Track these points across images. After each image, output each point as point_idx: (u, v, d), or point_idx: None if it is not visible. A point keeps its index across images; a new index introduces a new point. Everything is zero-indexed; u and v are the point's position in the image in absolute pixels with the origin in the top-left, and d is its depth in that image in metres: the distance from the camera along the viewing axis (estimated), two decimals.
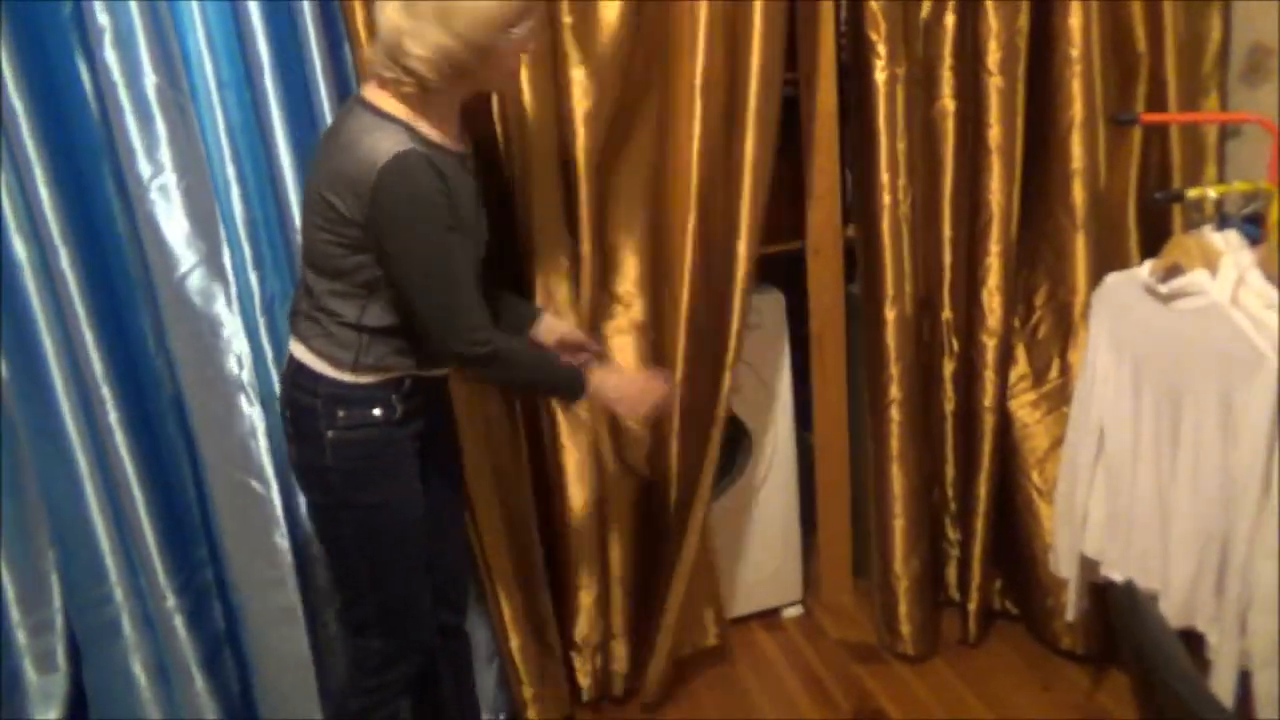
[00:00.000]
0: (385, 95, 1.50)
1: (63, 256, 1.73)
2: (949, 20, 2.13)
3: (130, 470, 1.84)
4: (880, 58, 2.07)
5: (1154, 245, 1.92)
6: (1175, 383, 1.61)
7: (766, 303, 2.35)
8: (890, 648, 2.39)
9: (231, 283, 1.81)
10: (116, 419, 1.81)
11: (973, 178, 2.19)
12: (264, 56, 1.76)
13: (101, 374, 1.79)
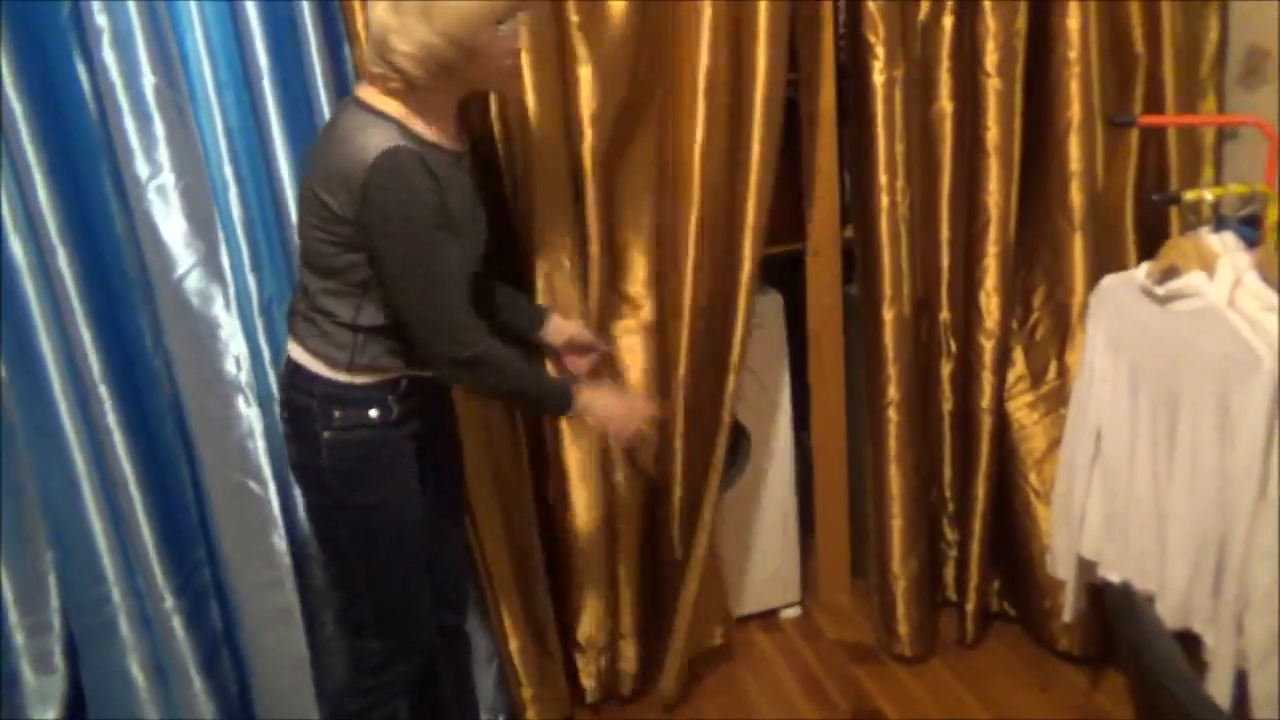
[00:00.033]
0: (379, 94, 1.50)
1: (61, 256, 1.73)
2: (947, 22, 2.13)
3: (128, 471, 1.84)
4: (878, 59, 2.07)
5: (1151, 247, 1.92)
6: (1172, 384, 1.62)
7: (765, 304, 2.35)
8: (888, 648, 2.39)
9: (229, 283, 1.81)
10: (114, 419, 1.81)
11: (971, 179, 2.19)
12: (262, 57, 1.76)
13: (99, 374, 1.79)
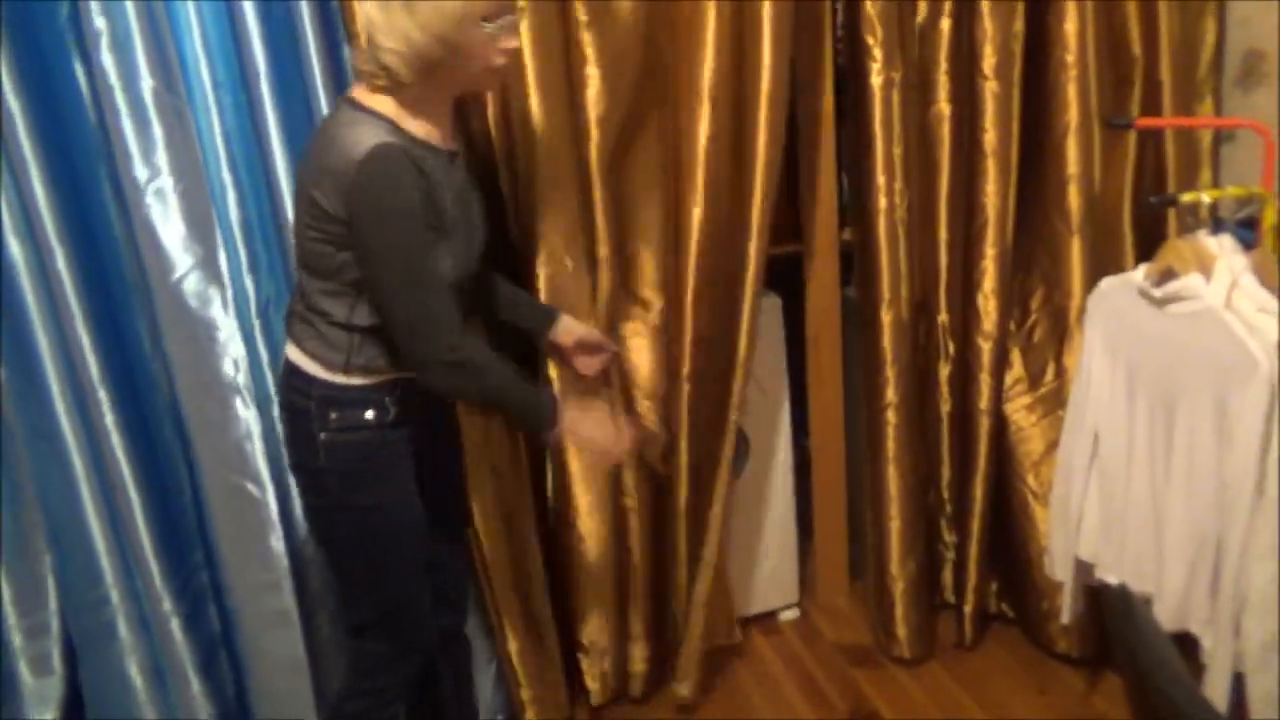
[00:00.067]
0: (370, 92, 1.50)
1: (59, 258, 1.73)
2: (945, 25, 2.13)
3: (126, 473, 1.84)
4: (876, 62, 2.08)
5: (1149, 249, 1.92)
6: (1169, 387, 1.62)
7: (763, 306, 2.34)
8: (886, 650, 2.39)
9: (227, 286, 1.82)
10: (113, 421, 1.81)
11: (968, 181, 2.19)
12: (260, 59, 1.76)
13: (98, 376, 1.79)
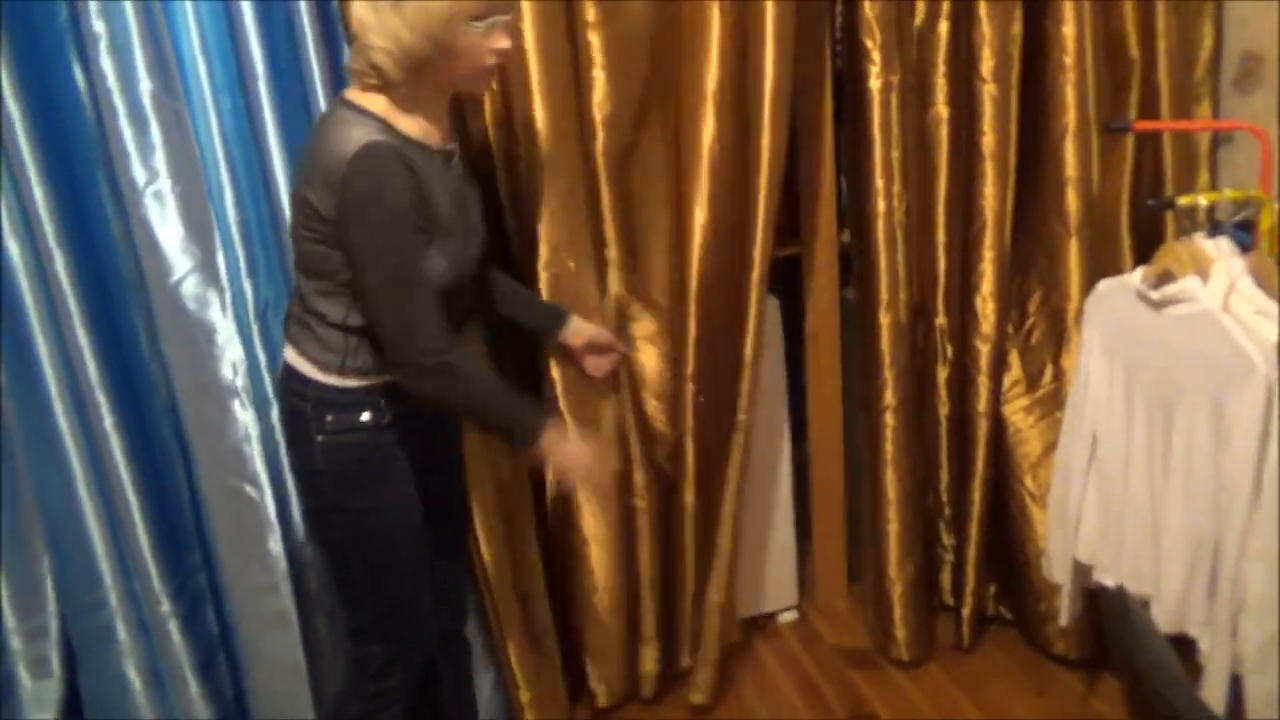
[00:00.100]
0: (363, 92, 1.51)
1: (58, 261, 1.73)
2: (943, 28, 2.13)
3: (125, 475, 1.84)
4: (875, 64, 2.08)
5: (1146, 252, 1.93)
6: (1167, 389, 1.62)
7: None
8: (885, 652, 2.39)
9: (226, 288, 1.82)
10: (111, 423, 1.81)
11: (967, 184, 2.19)
12: (258, 61, 1.77)
13: (96, 378, 1.79)
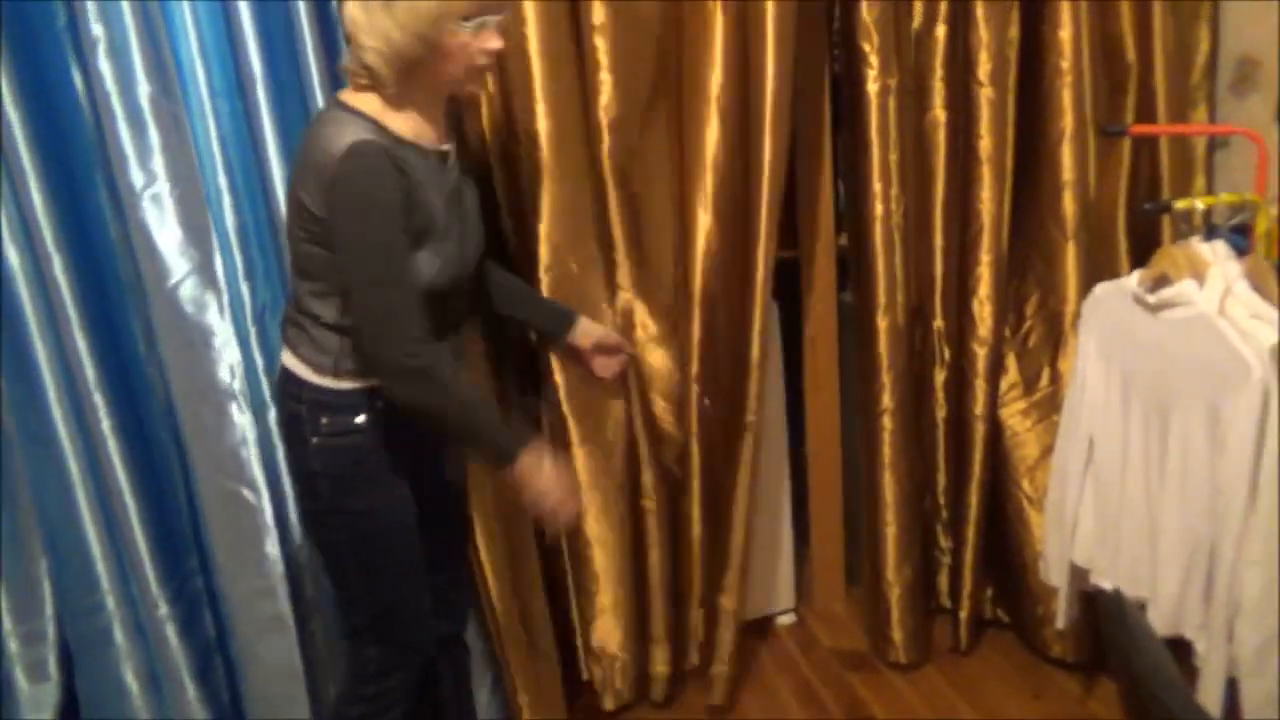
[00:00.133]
0: (356, 92, 1.51)
1: (56, 264, 1.73)
2: (940, 31, 2.14)
3: (122, 478, 1.84)
4: (872, 68, 2.08)
5: (1143, 256, 1.93)
6: (1163, 392, 1.62)
7: None
8: (882, 655, 2.39)
9: (223, 291, 1.82)
10: (109, 427, 1.81)
11: (964, 188, 2.20)
12: (256, 65, 1.77)
13: (94, 381, 1.79)
